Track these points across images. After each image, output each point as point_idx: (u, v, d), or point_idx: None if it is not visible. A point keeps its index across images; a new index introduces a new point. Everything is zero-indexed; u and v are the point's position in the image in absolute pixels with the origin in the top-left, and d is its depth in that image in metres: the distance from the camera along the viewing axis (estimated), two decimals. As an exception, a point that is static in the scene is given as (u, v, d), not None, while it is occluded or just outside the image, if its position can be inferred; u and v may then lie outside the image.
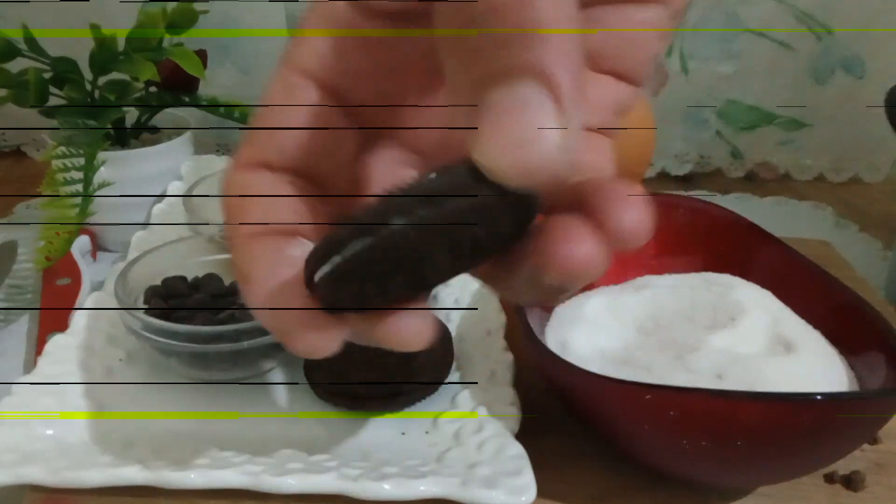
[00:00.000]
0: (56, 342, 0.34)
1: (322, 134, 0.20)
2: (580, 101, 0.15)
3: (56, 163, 0.42)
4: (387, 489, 0.27)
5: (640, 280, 0.36)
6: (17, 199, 0.55)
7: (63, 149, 0.42)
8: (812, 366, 0.29)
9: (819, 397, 0.26)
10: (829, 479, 0.31)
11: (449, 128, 0.21)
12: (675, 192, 0.42)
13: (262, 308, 0.19)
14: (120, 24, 0.45)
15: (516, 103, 0.15)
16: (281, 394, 0.34)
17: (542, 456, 0.29)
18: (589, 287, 0.36)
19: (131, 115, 0.48)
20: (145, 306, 0.34)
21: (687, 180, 0.66)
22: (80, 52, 0.45)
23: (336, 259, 0.18)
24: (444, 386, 0.33)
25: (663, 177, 0.65)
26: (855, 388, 0.29)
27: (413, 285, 0.18)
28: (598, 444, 0.31)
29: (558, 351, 0.30)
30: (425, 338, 0.18)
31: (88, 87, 0.45)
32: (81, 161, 0.41)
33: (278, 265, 0.19)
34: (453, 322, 0.38)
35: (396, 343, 0.18)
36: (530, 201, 0.17)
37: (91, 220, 0.42)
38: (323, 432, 0.31)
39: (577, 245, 0.16)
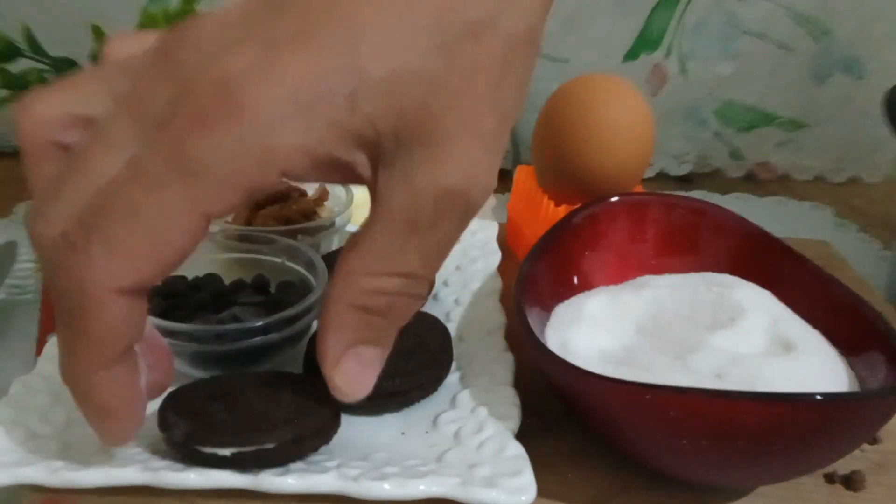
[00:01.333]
0: (56, 342, 0.34)
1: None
2: None
3: (56, 163, 0.42)
4: (387, 489, 0.27)
5: (640, 280, 0.36)
6: (17, 199, 0.55)
7: (63, 149, 0.42)
8: (812, 366, 0.29)
9: (819, 397, 0.26)
10: (829, 479, 0.31)
11: None
12: (674, 192, 0.42)
13: (99, 430, 0.25)
14: (120, 24, 0.45)
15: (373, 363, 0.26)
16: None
17: (542, 456, 0.29)
18: (589, 287, 0.36)
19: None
20: None
21: (686, 180, 0.66)
22: (81, 52, 0.45)
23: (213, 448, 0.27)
24: (444, 386, 0.33)
25: (663, 177, 0.65)
26: (855, 388, 0.29)
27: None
28: (598, 444, 0.31)
29: (558, 351, 0.30)
30: None
31: (88, 87, 0.45)
32: (81, 161, 0.41)
33: (118, 395, 0.24)
34: (453, 322, 0.38)
35: None
36: None
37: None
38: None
39: None
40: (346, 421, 0.32)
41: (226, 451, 0.27)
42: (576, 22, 0.60)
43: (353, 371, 0.26)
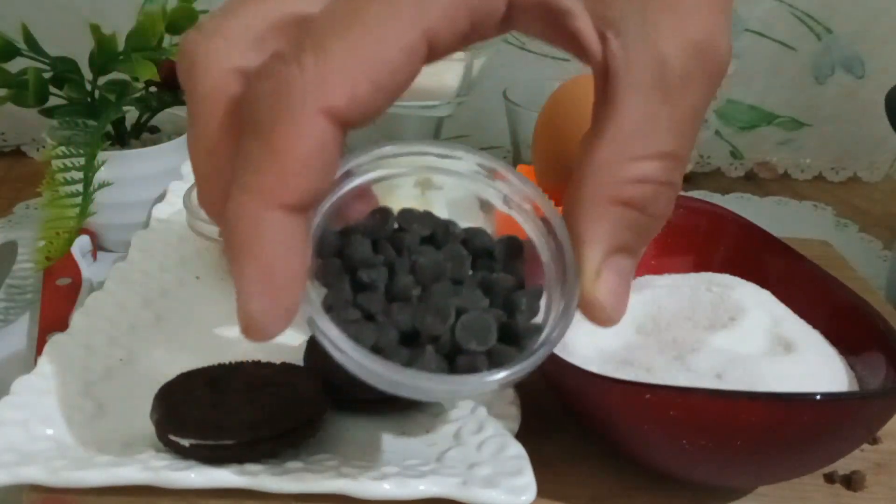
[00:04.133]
0: (56, 342, 0.34)
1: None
2: None
3: (56, 163, 0.42)
4: (387, 489, 0.27)
5: (639, 280, 0.36)
6: (17, 199, 0.55)
7: (63, 149, 0.42)
8: (812, 366, 0.29)
9: (819, 397, 0.26)
10: (829, 479, 0.31)
11: None
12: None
13: (255, 293, 0.19)
14: (119, 23, 0.45)
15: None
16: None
17: (542, 456, 0.29)
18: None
19: (131, 115, 0.48)
20: None
21: (687, 180, 0.66)
22: (80, 52, 0.45)
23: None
24: (444, 386, 0.33)
25: (663, 176, 0.65)
26: (855, 388, 0.29)
27: None
28: (598, 445, 0.31)
29: (558, 351, 0.30)
30: None
31: (88, 86, 0.45)
32: (81, 161, 0.41)
33: (288, 251, 0.19)
34: (453, 322, 0.38)
35: None
36: None
37: (91, 220, 0.42)
38: (323, 432, 0.31)
39: None
40: (347, 421, 0.32)
41: (185, 442, 0.28)
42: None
43: (614, 285, 0.22)
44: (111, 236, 0.47)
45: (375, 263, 0.22)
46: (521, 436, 0.30)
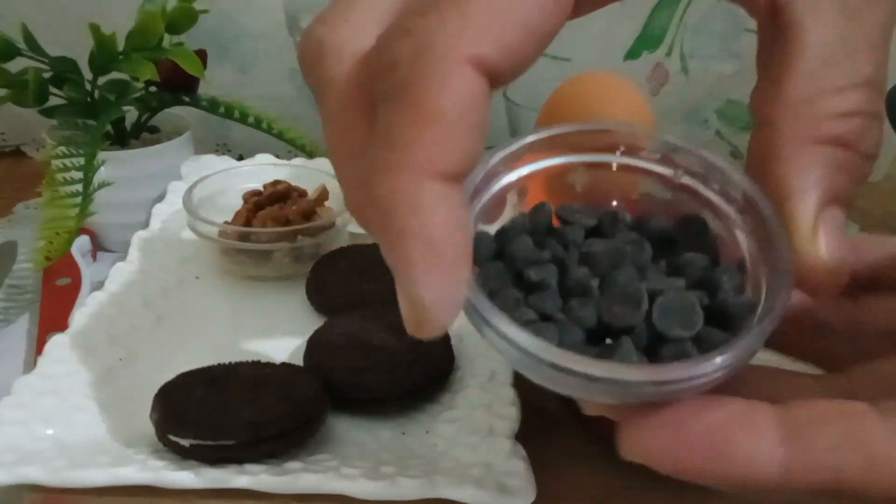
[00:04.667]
0: (56, 342, 0.34)
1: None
2: None
3: (56, 163, 0.42)
4: (387, 489, 0.27)
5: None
6: (17, 199, 0.55)
7: (63, 149, 0.42)
8: (812, 366, 0.29)
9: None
10: (830, 479, 0.31)
11: None
12: (675, 192, 0.42)
13: (425, 278, 0.16)
14: (118, 22, 0.45)
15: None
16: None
17: (542, 456, 0.29)
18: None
19: (131, 115, 0.48)
20: None
21: (687, 180, 0.65)
22: (80, 51, 0.45)
23: None
24: (444, 386, 0.33)
25: (663, 176, 0.65)
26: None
27: None
28: (599, 445, 0.31)
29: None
30: None
31: (88, 86, 0.45)
32: (81, 161, 0.41)
33: (454, 224, 0.17)
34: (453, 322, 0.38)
35: None
36: None
37: (91, 220, 0.42)
38: (323, 432, 0.31)
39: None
40: (347, 421, 0.32)
41: (185, 442, 0.28)
42: (577, 20, 0.60)
43: (835, 241, 0.19)
44: (111, 236, 0.47)
45: (542, 260, 0.19)
46: (521, 436, 0.30)
